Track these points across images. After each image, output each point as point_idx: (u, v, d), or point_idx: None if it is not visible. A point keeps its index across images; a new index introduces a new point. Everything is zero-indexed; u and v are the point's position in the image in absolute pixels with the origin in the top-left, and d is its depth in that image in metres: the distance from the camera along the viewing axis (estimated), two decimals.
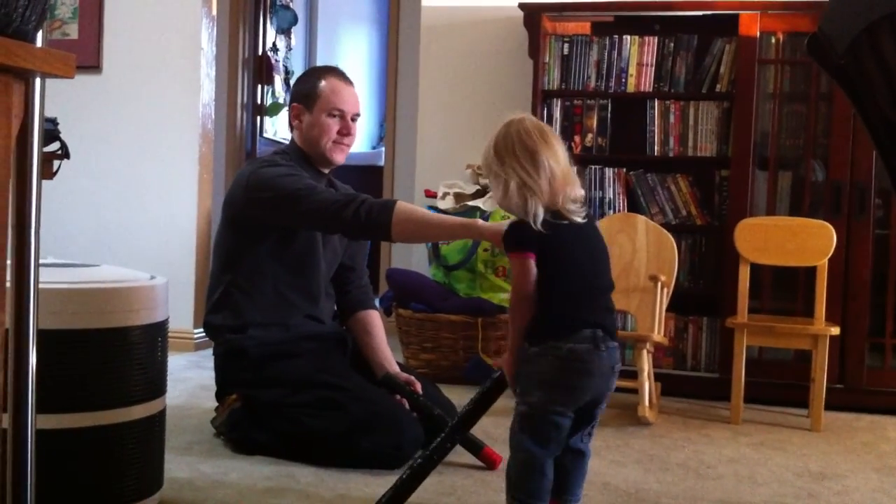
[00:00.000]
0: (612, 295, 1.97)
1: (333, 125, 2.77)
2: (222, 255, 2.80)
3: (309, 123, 2.78)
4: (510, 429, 1.90)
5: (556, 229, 1.86)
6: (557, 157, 1.88)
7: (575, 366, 1.84)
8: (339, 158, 2.82)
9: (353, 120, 2.82)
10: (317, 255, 2.79)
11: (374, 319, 2.91)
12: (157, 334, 2.02)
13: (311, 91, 2.80)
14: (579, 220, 1.87)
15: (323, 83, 2.80)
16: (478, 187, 4.12)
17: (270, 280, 2.74)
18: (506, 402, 2.01)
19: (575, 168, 1.93)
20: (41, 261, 1.40)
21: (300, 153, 2.82)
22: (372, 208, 2.47)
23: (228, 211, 2.79)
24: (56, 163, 2.40)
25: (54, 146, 2.17)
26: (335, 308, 2.96)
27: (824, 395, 3.24)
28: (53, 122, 2.30)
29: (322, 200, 2.55)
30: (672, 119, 3.81)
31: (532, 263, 1.85)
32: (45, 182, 1.41)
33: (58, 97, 2.22)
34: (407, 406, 2.67)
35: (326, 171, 2.86)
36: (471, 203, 4.01)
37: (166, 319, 2.08)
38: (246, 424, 2.64)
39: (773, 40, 3.72)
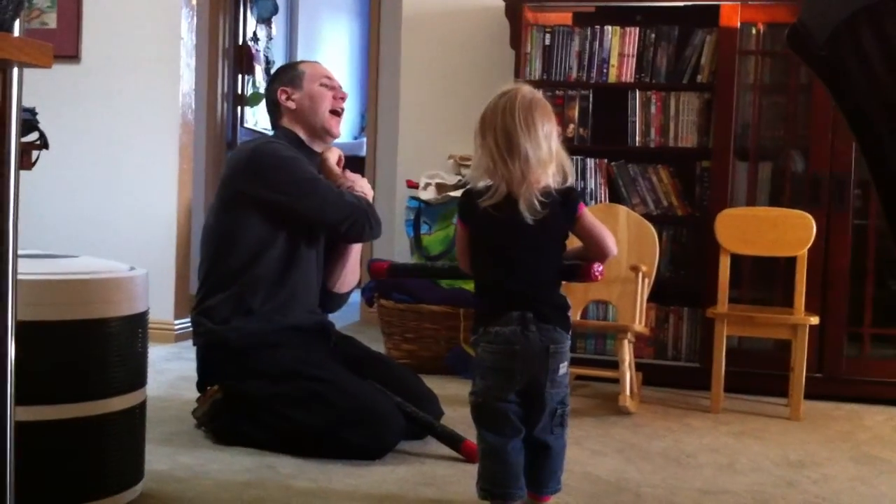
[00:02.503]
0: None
1: (327, 92, 2.86)
2: (215, 241, 2.74)
3: (301, 97, 2.84)
4: None
5: (499, 219, 1.87)
6: (538, 142, 1.86)
7: (501, 347, 1.86)
8: (336, 130, 2.89)
9: (342, 99, 2.91)
10: (310, 241, 2.79)
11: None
12: (136, 325, 2.01)
13: (294, 74, 2.89)
14: (529, 219, 1.85)
15: (303, 65, 2.94)
16: (459, 178, 4.11)
17: (264, 266, 2.69)
18: None
19: (561, 154, 1.90)
20: (20, 252, 1.39)
21: (291, 137, 2.83)
22: (374, 225, 2.76)
23: (226, 190, 2.73)
24: (35, 153, 2.38)
25: (33, 136, 2.15)
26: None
27: (803, 385, 3.26)
28: (32, 112, 2.28)
29: (339, 201, 2.69)
30: (653, 110, 3.82)
31: (465, 233, 1.96)
32: (23, 172, 1.40)
33: (36, 87, 2.20)
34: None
35: (319, 150, 2.87)
36: (452, 193, 4.00)
37: (146, 311, 2.07)
38: (227, 416, 2.62)
39: (754, 31, 3.73)
